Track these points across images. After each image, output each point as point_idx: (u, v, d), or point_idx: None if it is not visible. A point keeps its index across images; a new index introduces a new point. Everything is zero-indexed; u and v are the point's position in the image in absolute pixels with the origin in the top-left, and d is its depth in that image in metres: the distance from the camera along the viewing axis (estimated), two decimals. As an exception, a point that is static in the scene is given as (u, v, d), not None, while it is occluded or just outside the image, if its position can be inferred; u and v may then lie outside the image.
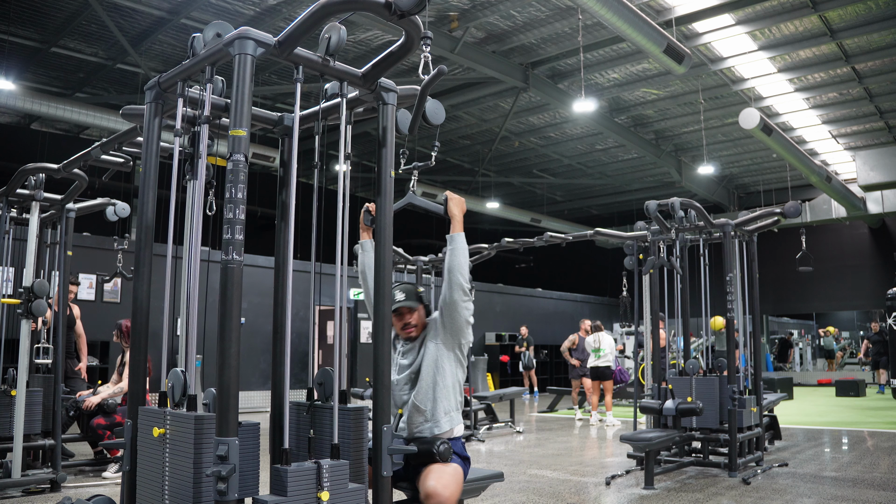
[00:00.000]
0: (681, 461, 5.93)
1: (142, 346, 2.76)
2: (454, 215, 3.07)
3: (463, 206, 3.09)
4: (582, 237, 8.26)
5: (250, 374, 12.35)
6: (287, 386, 2.51)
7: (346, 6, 2.38)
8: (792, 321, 25.48)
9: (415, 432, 2.95)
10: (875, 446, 7.62)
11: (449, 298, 2.95)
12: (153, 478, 2.45)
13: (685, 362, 6.17)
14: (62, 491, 5.07)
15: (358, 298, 14.21)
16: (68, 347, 6.55)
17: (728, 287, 6.10)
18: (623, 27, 8.60)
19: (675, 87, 12.90)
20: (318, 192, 2.61)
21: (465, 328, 2.99)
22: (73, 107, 10.87)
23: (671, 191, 18.64)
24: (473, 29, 10.58)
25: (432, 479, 2.71)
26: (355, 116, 3.00)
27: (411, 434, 2.96)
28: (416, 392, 2.97)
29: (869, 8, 9.93)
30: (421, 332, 3.10)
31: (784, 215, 6.31)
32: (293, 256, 2.63)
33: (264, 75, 11.95)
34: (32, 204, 5.23)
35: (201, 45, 2.62)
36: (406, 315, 3.09)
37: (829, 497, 4.91)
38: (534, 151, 16.62)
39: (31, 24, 10.36)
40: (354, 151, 15.42)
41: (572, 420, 10.76)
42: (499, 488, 5.21)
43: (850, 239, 19.78)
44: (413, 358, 3.05)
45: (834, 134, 15.46)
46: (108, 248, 9.53)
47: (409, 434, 2.97)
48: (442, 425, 2.93)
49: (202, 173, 2.62)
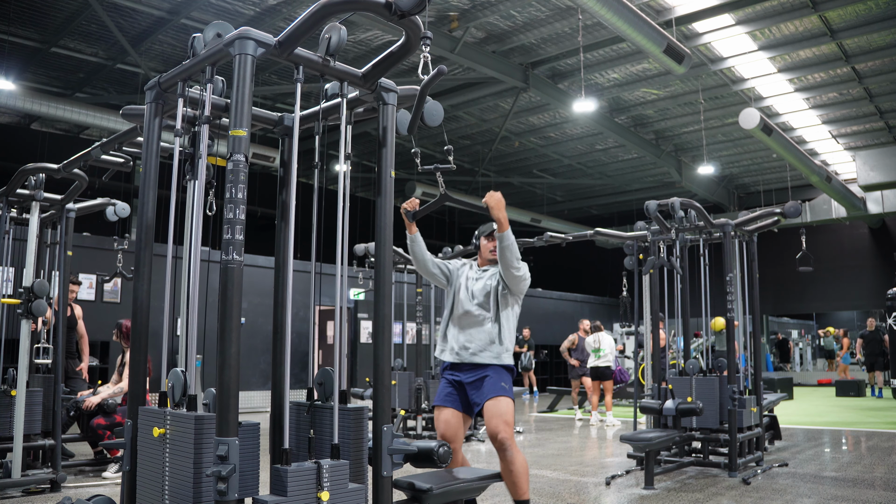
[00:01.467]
0: (681, 461, 5.92)
1: (142, 346, 2.76)
2: (497, 219, 3.51)
3: (501, 205, 3.53)
4: (582, 237, 8.26)
5: (250, 374, 12.35)
6: (287, 386, 2.51)
7: (346, 6, 2.38)
8: (792, 321, 25.47)
9: (474, 358, 3.60)
10: (875, 446, 7.62)
11: (513, 287, 3.65)
12: (153, 478, 2.45)
13: (685, 362, 6.17)
14: (62, 491, 5.07)
15: (358, 298, 14.21)
16: (70, 347, 6.55)
17: (728, 287, 6.10)
18: (623, 27, 8.60)
19: (675, 87, 12.90)
20: (318, 192, 2.61)
21: (523, 291, 3.73)
22: (73, 107, 10.87)
23: (671, 191, 18.64)
24: (473, 29, 10.58)
25: (495, 420, 3.47)
26: (355, 116, 3.00)
27: (468, 359, 3.61)
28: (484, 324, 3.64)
29: (869, 8, 9.93)
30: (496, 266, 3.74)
31: (784, 215, 6.31)
32: (293, 256, 2.63)
33: (264, 75, 11.95)
34: (32, 204, 5.23)
35: (201, 46, 2.62)
36: (494, 240, 3.73)
37: (829, 497, 4.91)
38: (534, 151, 16.62)
39: (31, 24, 10.36)
40: (354, 151, 15.43)
41: (572, 420, 10.76)
42: (499, 488, 5.20)
43: (850, 239, 19.78)
44: (485, 291, 3.68)
45: (834, 134, 15.47)
46: (108, 248, 9.52)
47: (464, 359, 3.62)
48: (504, 359, 3.62)
49: (202, 173, 2.62)
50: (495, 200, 3.52)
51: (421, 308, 8.53)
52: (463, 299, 3.76)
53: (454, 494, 3.14)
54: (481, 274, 3.81)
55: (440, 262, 3.90)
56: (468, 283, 3.79)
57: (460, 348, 3.68)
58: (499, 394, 3.55)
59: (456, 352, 3.69)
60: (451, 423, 3.63)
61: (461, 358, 3.67)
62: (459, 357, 3.67)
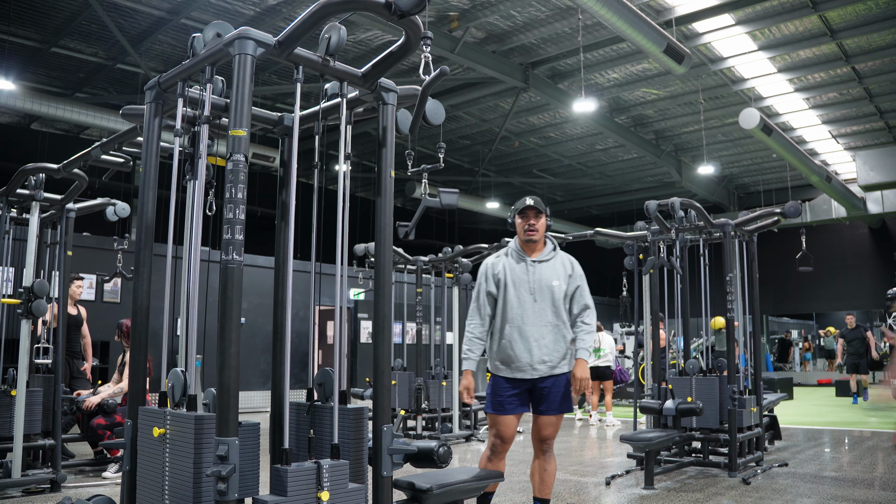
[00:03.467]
0: (681, 461, 5.92)
1: (142, 346, 2.76)
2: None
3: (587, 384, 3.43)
4: (582, 237, 8.25)
5: (250, 374, 12.35)
6: (287, 386, 2.51)
7: (346, 6, 2.38)
8: (792, 321, 25.47)
9: (554, 371, 3.40)
10: (875, 446, 7.62)
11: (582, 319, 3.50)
12: (153, 478, 2.45)
13: (685, 362, 6.17)
14: (62, 491, 5.07)
15: (358, 298, 14.21)
16: (75, 348, 6.55)
17: (728, 287, 6.09)
18: (623, 27, 8.59)
19: (675, 87, 12.90)
20: (318, 192, 2.61)
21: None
22: (73, 107, 10.87)
23: (671, 191, 18.64)
24: (473, 29, 10.58)
25: (550, 429, 3.44)
26: (355, 116, 3.00)
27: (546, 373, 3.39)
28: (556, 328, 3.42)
29: (869, 8, 9.93)
30: (541, 239, 3.47)
31: (784, 215, 6.31)
32: (293, 256, 2.63)
33: (264, 75, 11.95)
34: (32, 204, 5.23)
35: (201, 46, 2.62)
36: (531, 217, 3.44)
37: (829, 497, 4.91)
38: (534, 151, 16.62)
39: (31, 24, 10.36)
40: (354, 151, 15.42)
41: (572, 420, 10.75)
42: (499, 488, 5.20)
43: (850, 239, 19.77)
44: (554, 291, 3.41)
45: (834, 134, 15.46)
46: (108, 248, 9.51)
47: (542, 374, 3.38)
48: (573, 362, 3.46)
49: (202, 173, 2.62)
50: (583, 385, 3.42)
51: (421, 308, 8.53)
52: (525, 300, 3.40)
53: (454, 494, 3.14)
54: (534, 266, 3.46)
55: (486, 291, 3.51)
56: (519, 278, 3.43)
57: (539, 363, 3.40)
58: (564, 412, 3.46)
59: (533, 367, 3.39)
60: (512, 426, 3.49)
61: (539, 373, 3.40)
62: (537, 373, 3.40)
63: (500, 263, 3.50)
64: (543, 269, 3.46)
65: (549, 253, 3.52)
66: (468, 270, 8.43)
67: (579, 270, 3.57)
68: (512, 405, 3.42)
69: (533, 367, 3.38)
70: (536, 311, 3.40)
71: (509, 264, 3.49)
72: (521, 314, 3.40)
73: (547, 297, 3.41)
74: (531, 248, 3.50)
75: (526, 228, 3.43)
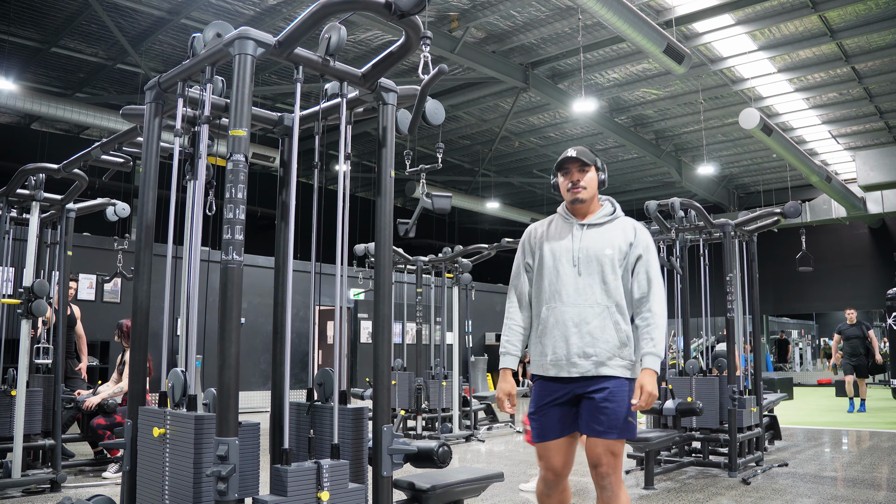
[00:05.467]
0: (681, 461, 5.92)
1: (142, 346, 2.76)
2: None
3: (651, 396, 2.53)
4: (582, 237, 8.25)
5: (250, 374, 12.35)
6: (287, 386, 2.51)
7: (346, 6, 2.38)
8: (792, 321, 25.47)
9: (601, 370, 2.54)
10: (875, 446, 7.62)
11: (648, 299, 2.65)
12: (153, 478, 2.45)
13: (685, 362, 6.17)
14: (62, 491, 5.06)
15: (358, 298, 14.21)
16: (69, 347, 6.55)
17: (728, 287, 6.10)
18: (623, 27, 8.59)
19: (675, 87, 12.90)
20: (318, 192, 2.61)
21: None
22: (73, 107, 10.87)
23: (671, 191, 18.64)
24: (473, 29, 10.58)
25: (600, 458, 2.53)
26: (355, 116, 3.00)
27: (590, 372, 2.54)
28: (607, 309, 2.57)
29: (869, 8, 9.93)
30: (594, 198, 2.68)
31: (784, 215, 6.31)
32: (293, 256, 2.63)
33: (264, 75, 11.95)
34: (32, 204, 5.23)
35: (201, 46, 2.62)
36: (574, 172, 2.64)
37: (829, 497, 4.91)
38: (534, 151, 16.62)
39: (31, 24, 10.36)
40: (354, 151, 15.42)
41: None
42: (499, 488, 5.20)
43: (850, 239, 19.78)
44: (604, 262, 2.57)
45: (834, 134, 15.46)
46: (108, 248, 9.53)
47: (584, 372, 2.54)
48: (637, 370, 2.60)
49: (202, 173, 2.62)
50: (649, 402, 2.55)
51: (421, 308, 8.54)
52: (565, 273, 2.58)
53: (454, 494, 3.14)
54: (583, 230, 2.64)
55: (523, 263, 2.78)
56: (560, 245, 2.63)
57: (578, 356, 2.56)
58: (622, 437, 2.55)
59: (570, 361, 2.56)
60: (560, 453, 2.65)
61: (578, 370, 2.56)
62: (576, 369, 2.56)
63: (542, 228, 2.76)
64: (594, 236, 2.63)
65: (606, 216, 2.69)
66: (468, 270, 8.43)
67: (646, 238, 2.69)
68: (551, 420, 2.60)
69: (570, 360, 2.55)
70: (579, 288, 2.57)
71: (553, 229, 2.72)
72: (560, 290, 2.59)
73: (595, 271, 2.57)
74: (581, 211, 2.68)
75: (569, 187, 2.63)
